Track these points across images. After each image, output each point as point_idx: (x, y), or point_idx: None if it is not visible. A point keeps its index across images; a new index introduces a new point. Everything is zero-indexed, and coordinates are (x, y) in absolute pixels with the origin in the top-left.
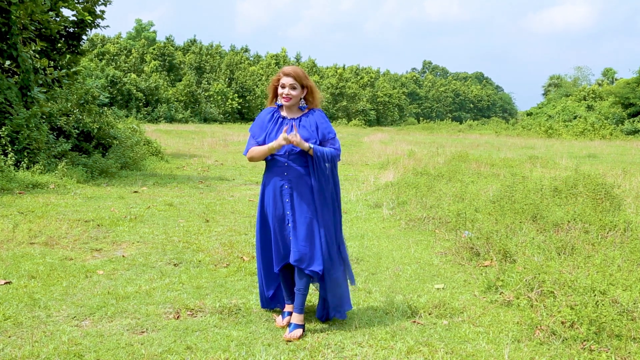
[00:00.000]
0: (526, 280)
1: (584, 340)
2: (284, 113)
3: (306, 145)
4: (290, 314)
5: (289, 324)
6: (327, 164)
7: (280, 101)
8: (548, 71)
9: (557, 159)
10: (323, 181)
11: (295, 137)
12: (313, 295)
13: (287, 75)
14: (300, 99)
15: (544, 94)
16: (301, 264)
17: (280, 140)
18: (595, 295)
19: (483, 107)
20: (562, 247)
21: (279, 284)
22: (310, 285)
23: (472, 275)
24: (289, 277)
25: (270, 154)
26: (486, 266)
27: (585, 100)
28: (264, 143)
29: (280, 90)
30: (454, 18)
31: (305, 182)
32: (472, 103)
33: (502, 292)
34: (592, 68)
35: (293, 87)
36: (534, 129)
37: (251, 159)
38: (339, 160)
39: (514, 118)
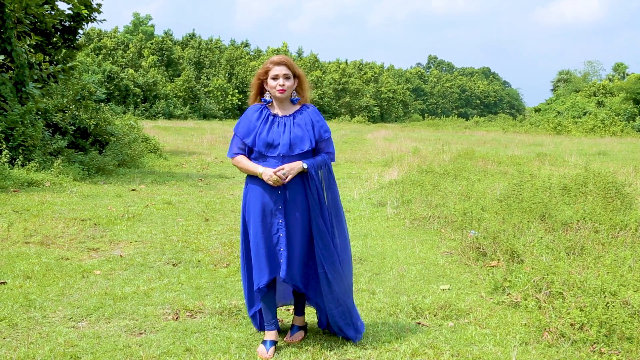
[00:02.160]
0: (534, 281)
1: (594, 343)
2: (274, 110)
3: (300, 166)
4: (273, 343)
5: (291, 326)
6: (321, 174)
7: (275, 94)
8: (557, 66)
9: (566, 157)
10: (320, 193)
11: (286, 172)
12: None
13: (279, 64)
14: (293, 90)
15: (552, 90)
16: (290, 279)
17: (268, 176)
18: (605, 296)
19: (490, 103)
20: (571, 247)
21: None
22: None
23: (479, 275)
24: (271, 297)
25: (261, 157)
26: (493, 266)
27: (595, 96)
28: (253, 144)
29: (272, 83)
30: (460, 11)
31: (300, 188)
32: (478, 99)
33: (509, 293)
34: (603, 63)
35: (287, 77)
36: (543, 126)
37: (236, 167)
38: (333, 161)
39: (521, 114)
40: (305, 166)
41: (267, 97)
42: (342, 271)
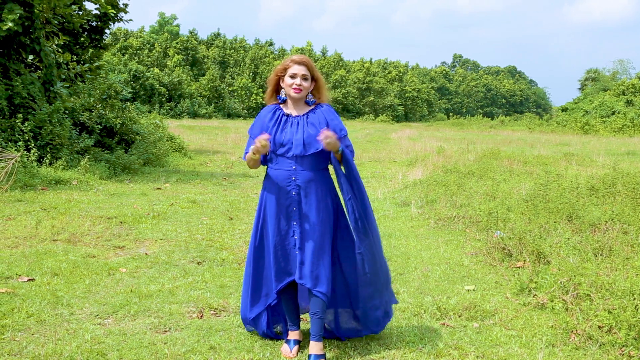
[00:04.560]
0: (561, 283)
1: (623, 346)
2: (287, 110)
3: (338, 145)
4: (297, 342)
5: (308, 356)
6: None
7: (289, 92)
8: (585, 64)
9: (594, 156)
10: (352, 179)
11: (327, 137)
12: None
13: (299, 64)
14: (309, 92)
15: (580, 89)
16: (308, 283)
17: (257, 145)
18: (634, 298)
19: (516, 102)
20: (599, 249)
21: (265, 309)
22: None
23: (504, 276)
24: (292, 299)
25: (259, 156)
26: (519, 267)
27: (624, 94)
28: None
29: (289, 81)
30: (486, 9)
31: (314, 187)
32: (504, 98)
33: (535, 295)
34: (633, 61)
35: (305, 78)
36: (570, 125)
37: (249, 166)
38: (354, 154)
39: (548, 114)
40: (341, 148)
41: (282, 94)
42: (376, 253)
